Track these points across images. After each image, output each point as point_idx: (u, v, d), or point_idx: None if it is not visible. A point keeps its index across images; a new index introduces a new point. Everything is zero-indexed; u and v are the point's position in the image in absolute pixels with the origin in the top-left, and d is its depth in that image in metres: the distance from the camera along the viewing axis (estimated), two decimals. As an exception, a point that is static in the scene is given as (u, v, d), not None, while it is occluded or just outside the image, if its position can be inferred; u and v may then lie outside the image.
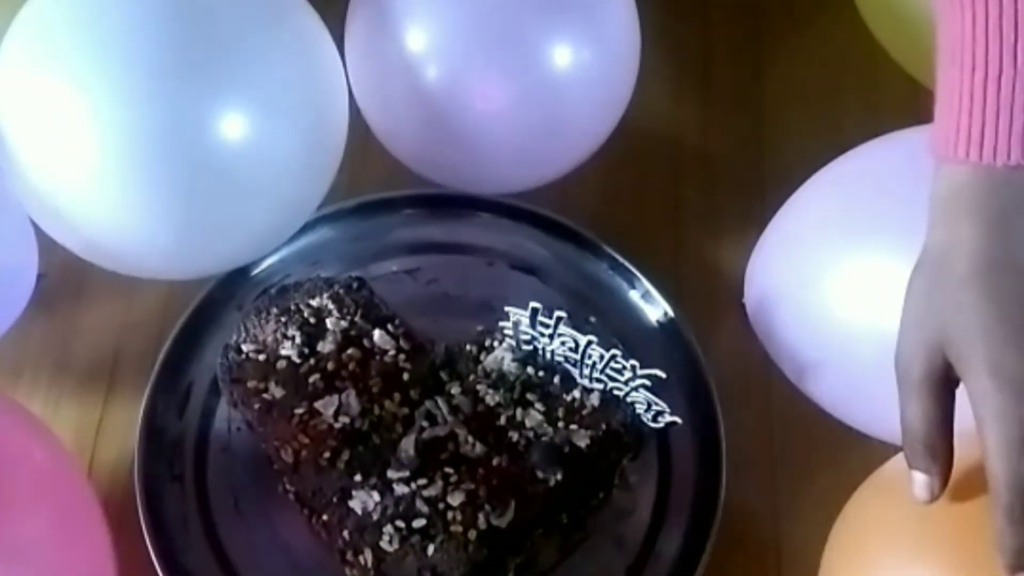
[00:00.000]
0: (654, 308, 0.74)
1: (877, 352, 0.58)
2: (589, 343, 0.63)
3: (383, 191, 0.76)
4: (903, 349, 0.53)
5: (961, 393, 0.51)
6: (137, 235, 0.64)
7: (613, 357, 0.63)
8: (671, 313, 0.73)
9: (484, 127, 0.70)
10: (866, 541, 0.56)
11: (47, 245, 0.68)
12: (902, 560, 0.53)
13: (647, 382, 0.62)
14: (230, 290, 0.73)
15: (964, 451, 0.52)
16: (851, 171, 0.66)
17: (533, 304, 0.64)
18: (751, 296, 0.69)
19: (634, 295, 0.74)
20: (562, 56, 0.68)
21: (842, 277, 0.63)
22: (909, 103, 0.75)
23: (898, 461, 0.56)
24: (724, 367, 0.71)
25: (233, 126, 0.62)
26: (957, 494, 0.52)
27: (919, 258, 0.54)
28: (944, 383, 0.52)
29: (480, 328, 0.68)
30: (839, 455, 0.67)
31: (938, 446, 0.52)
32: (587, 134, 0.73)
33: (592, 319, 0.70)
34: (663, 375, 0.62)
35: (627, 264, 0.74)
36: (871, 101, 0.81)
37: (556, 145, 0.72)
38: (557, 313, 0.63)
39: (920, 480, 0.52)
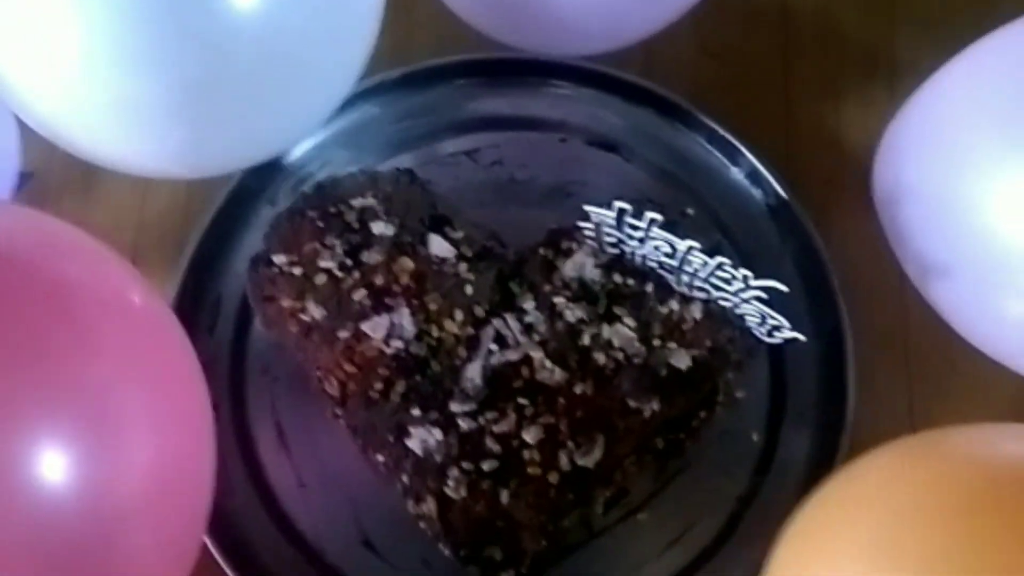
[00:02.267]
0: (762, 190, 0.67)
1: (1014, 267, 0.55)
2: (690, 249, 0.55)
3: (434, 57, 0.71)
4: None
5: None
6: (141, 131, 0.59)
7: (720, 265, 0.55)
8: (784, 195, 0.66)
9: None
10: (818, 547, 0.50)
11: (45, 141, 0.62)
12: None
13: (763, 294, 0.54)
14: (260, 182, 0.68)
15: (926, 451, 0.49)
16: (1008, 50, 0.58)
17: (619, 203, 0.56)
18: (880, 182, 0.62)
19: (737, 174, 0.68)
20: None
21: (988, 175, 0.56)
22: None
23: (853, 467, 0.52)
24: (849, 262, 0.65)
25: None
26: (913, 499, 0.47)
27: None
28: None
29: (554, 224, 0.62)
30: (986, 376, 0.61)
31: None
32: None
33: (689, 211, 0.65)
34: (784, 288, 0.54)
35: (728, 136, 0.68)
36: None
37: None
38: (649, 215, 0.55)
39: None
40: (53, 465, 0.46)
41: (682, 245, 0.55)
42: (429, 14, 0.70)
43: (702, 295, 0.58)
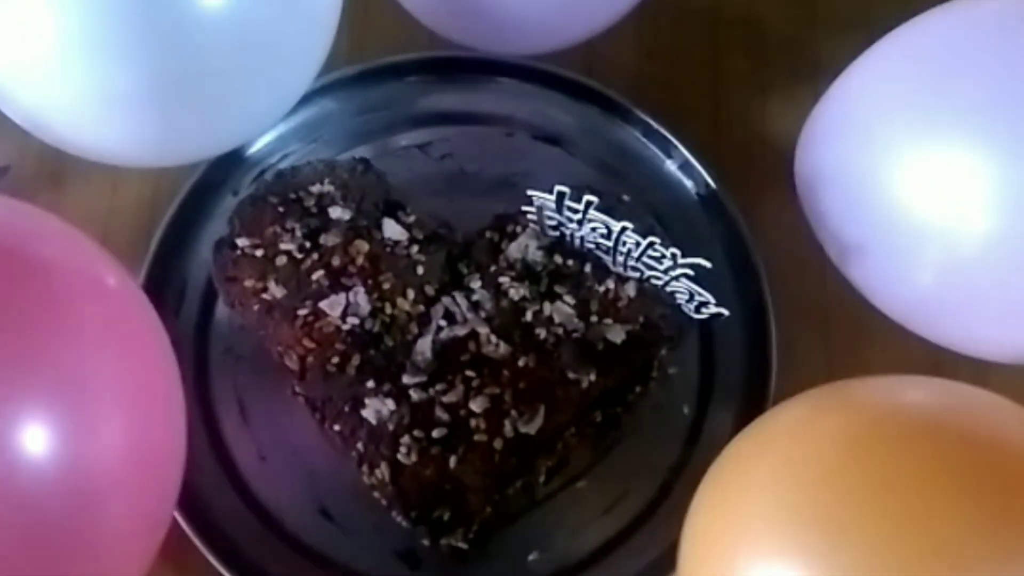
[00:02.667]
0: (693, 180, 0.70)
1: (940, 254, 0.57)
2: (624, 229, 0.58)
3: (388, 56, 0.72)
4: None
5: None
6: (106, 118, 0.60)
7: (651, 245, 0.58)
8: (712, 185, 0.69)
9: None
10: (737, 497, 0.52)
11: (19, 135, 0.63)
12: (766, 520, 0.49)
13: (690, 271, 0.58)
14: (223, 173, 0.69)
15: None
16: (922, 40, 0.60)
17: (559, 187, 0.59)
18: (801, 169, 0.65)
19: (671, 166, 0.70)
20: None
21: (894, 159, 0.58)
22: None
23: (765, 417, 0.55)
24: (773, 245, 0.67)
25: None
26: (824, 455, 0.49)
27: None
28: None
29: (501, 211, 0.64)
30: (900, 345, 0.63)
31: None
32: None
33: (625, 197, 0.66)
34: (708, 264, 0.57)
35: (662, 130, 0.70)
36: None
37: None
38: (586, 197, 0.58)
39: None
40: (32, 440, 0.47)
41: (616, 226, 0.58)
42: (383, 15, 0.71)
43: (635, 274, 0.60)
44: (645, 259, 0.59)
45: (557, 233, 0.62)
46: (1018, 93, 0.54)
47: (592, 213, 0.58)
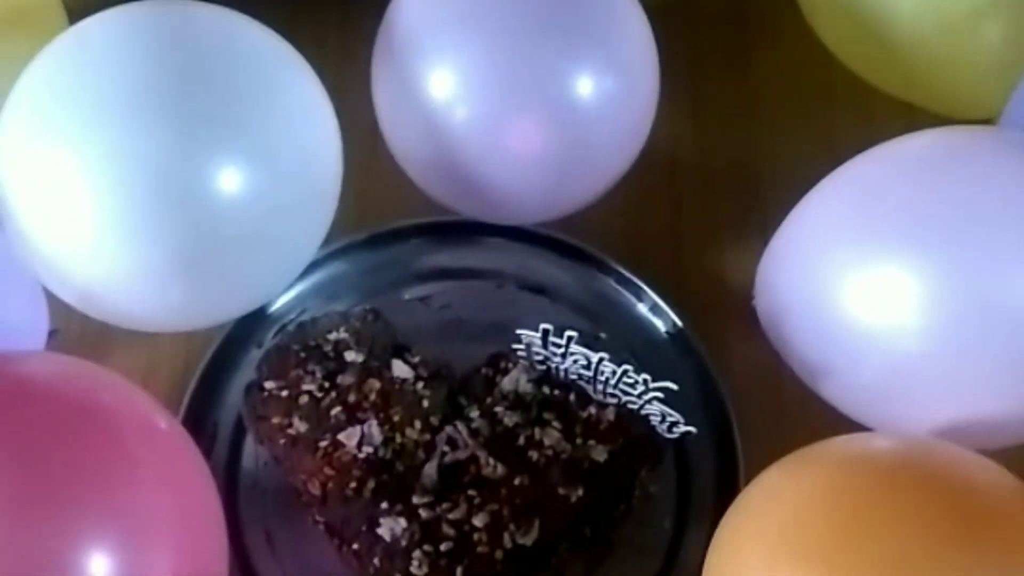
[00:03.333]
0: (662, 320, 0.75)
1: (887, 354, 0.62)
2: (601, 360, 0.64)
3: (392, 221, 0.78)
4: None
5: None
6: (140, 292, 0.65)
7: (625, 372, 0.64)
8: (679, 324, 0.74)
9: (511, 164, 0.70)
10: (743, 550, 0.58)
11: (65, 302, 0.69)
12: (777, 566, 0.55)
13: (660, 394, 0.64)
14: (249, 329, 0.74)
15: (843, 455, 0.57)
16: (855, 179, 0.67)
17: (544, 325, 0.65)
18: (763, 302, 0.70)
19: (642, 308, 0.75)
20: (585, 90, 0.67)
21: (853, 281, 0.63)
22: (900, 107, 0.78)
23: (774, 470, 0.60)
24: (735, 373, 0.72)
25: (229, 180, 0.63)
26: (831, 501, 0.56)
27: None
28: None
29: (494, 351, 0.70)
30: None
31: None
32: (612, 164, 0.73)
33: (602, 335, 0.72)
34: (674, 387, 0.63)
35: (633, 278, 0.75)
36: (863, 106, 0.82)
37: (582, 178, 0.72)
38: (568, 332, 0.65)
39: None
40: (98, 567, 0.52)
41: (595, 357, 0.64)
42: (386, 188, 0.76)
43: (614, 400, 0.66)
44: (621, 386, 0.65)
45: (544, 367, 0.67)
46: (939, 217, 0.60)
47: (573, 347, 0.64)
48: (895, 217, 0.62)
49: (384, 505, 0.63)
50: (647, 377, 0.64)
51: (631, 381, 0.64)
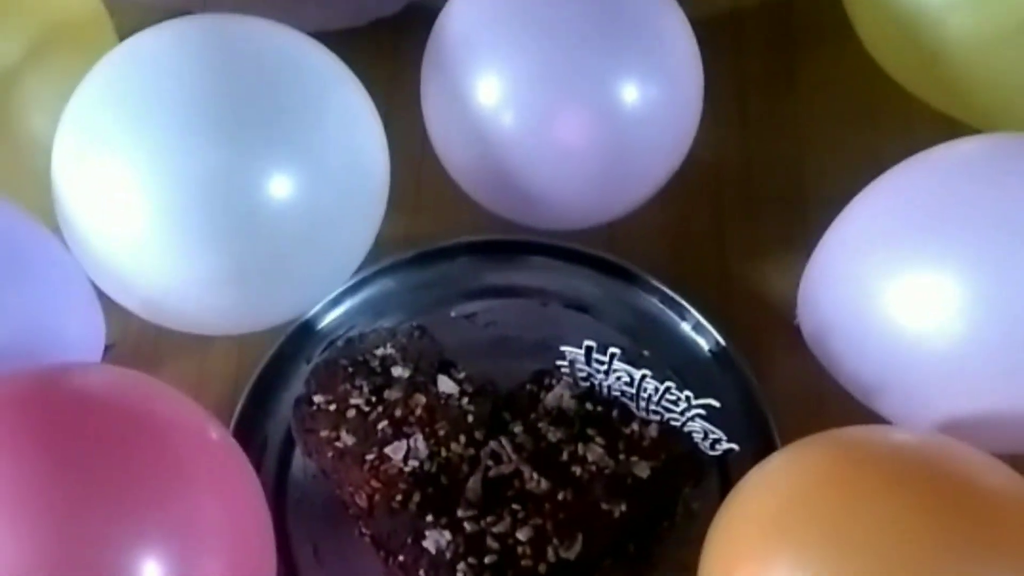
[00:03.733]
0: (705, 339, 0.75)
1: (938, 365, 0.62)
2: (644, 376, 0.65)
3: (439, 241, 0.79)
4: None
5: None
6: (196, 297, 0.67)
7: (668, 389, 0.65)
8: (723, 342, 0.74)
9: (559, 170, 0.71)
10: (738, 530, 0.59)
11: (121, 317, 0.71)
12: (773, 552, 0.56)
13: (702, 411, 0.64)
14: (298, 345, 0.75)
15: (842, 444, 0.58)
16: (897, 187, 0.67)
17: (587, 342, 0.66)
18: (806, 317, 0.70)
19: (686, 327, 0.76)
20: (632, 96, 0.69)
21: (897, 293, 0.63)
22: (945, 123, 0.78)
23: (777, 456, 0.61)
24: (779, 391, 0.72)
25: (280, 188, 0.64)
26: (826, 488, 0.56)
27: None
28: None
29: (538, 368, 0.70)
30: None
31: None
32: (656, 169, 0.74)
33: (645, 353, 0.73)
34: (716, 404, 0.64)
35: (677, 297, 0.76)
36: (908, 122, 0.82)
37: (628, 182, 0.74)
38: (611, 349, 0.65)
39: None
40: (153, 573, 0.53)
41: (637, 374, 0.64)
42: (434, 208, 0.79)
43: (656, 417, 0.66)
44: (664, 403, 0.65)
45: (587, 383, 0.68)
46: (985, 222, 0.60)
47: (616, 364, 0.65)
48: (939, 223, 0.62)
49: (429, 518, 0.64)
50: (689, 394, 0.64)
51: (674, 398, 0.65)
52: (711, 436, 0.65)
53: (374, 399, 0.67)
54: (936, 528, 0.53)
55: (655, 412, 0.67)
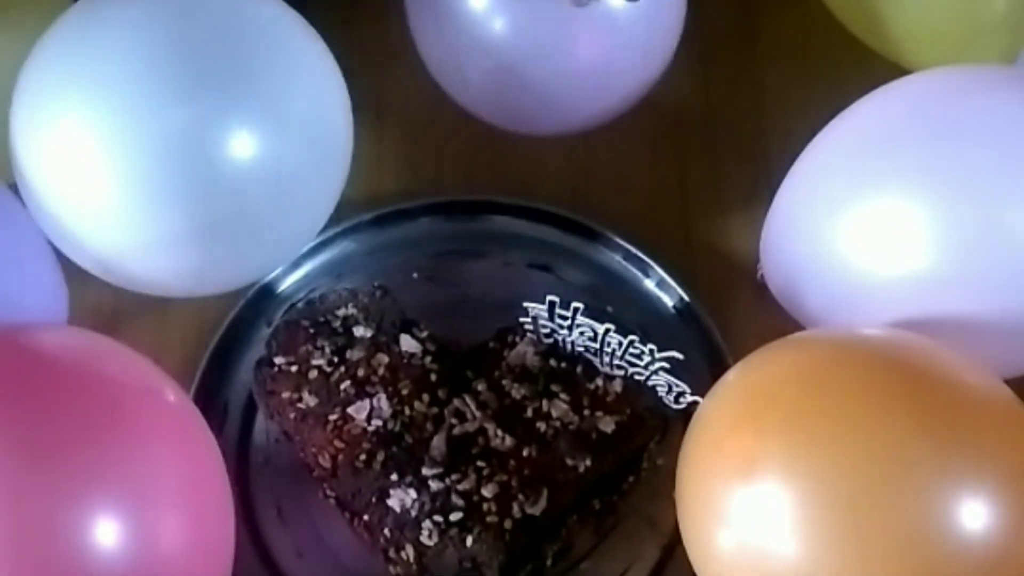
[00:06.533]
0: (669, 295, 0.76)
1: (893, 297, 0.61)
2: (607, 331, 0.65)
3: (399, 201, 0.79)
4: None
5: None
6: (157, 257, 0.66)
7: (631, 343, 0.65)
8: (686, 298, 0.75)
9: (547, 70, 0.71)
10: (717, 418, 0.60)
11: (80, 278, 0.70)
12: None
13: (666, 364, 0.64)
14: (259, 308, 0.75)
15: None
16: (848, 127, 0.66)
17: (550, 297, 0.66)
18: (769, 265, 0.70)
19: (649, 284, 0.76)
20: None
21: (855, 229, 0.63)
22: (902, 72, 0.76)
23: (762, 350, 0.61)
24: (742, 344, 0.70)
25: (242, 146, 0.64)
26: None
27: None
28: None
29: (502, 326, 0.70)
30: None
31: None
32: (644, 69, 0.74)
33: (609, 308, 0.72)
34: (680, 356, 0.64)
35: (639, 254, 0.76)
36: (868, 74, 0.80)
37: (614, 81, 0.74)
38: (574, 304, 0.65)
39: None
40: (104, 533, 0.53)
41: (601, 328, 0.64)
42: (394, 169, 0.78)
43: (620, 372, 0.66)
44: (628, 357, 0.65)
45: (551, 340, 0.68)
46: (948, 150, 0.60)
47: (580, 319, 0.65)
48: (900, 153, 0.62)
49: (394, 477, 0.64)
50: (653, 347, 0.64)
51: (637, 352, 0.65)
52: (675, 390, 0.65)
53: (336, 359, 0.67)
54: (916, 414, 0.54)
55: (619, 367, 0.67)
